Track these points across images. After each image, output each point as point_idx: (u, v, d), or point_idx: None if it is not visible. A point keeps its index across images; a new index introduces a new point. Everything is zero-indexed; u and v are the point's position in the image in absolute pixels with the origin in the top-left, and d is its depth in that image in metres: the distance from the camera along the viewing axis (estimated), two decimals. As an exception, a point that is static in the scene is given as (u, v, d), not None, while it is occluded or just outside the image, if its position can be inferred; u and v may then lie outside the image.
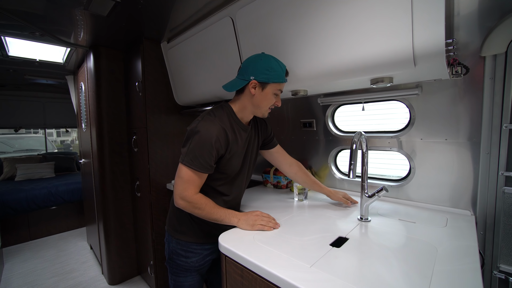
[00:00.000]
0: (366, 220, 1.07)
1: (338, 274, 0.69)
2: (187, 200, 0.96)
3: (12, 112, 4.07)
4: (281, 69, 0.98)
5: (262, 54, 1.02)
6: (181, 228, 1.11)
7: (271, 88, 0.98)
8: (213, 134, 0.93)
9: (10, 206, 2.98)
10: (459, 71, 0.93)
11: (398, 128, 1.33)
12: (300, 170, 1.30)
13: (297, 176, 1.30)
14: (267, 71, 0.96)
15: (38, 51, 2.29)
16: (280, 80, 0.98)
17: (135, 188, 2.12)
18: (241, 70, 1.02)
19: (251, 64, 0.98)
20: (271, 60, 0.98)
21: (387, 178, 1.41)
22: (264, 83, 0.97)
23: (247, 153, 1.10)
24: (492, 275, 1.05)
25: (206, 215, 0.98)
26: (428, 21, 0.73)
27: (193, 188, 0.97)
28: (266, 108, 1.03)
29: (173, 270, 1.13)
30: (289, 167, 1.30)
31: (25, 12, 1.46)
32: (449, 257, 0.77)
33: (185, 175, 0.95)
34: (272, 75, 0.96)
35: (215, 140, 0.93)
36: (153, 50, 1.87)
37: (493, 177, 1.03)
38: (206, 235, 1.10)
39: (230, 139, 0.99)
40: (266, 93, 0.99)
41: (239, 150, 1.04)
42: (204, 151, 0.93)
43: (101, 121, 2.08)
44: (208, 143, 0.92)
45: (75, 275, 2.36)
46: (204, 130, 0.93)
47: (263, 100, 1.00)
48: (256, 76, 0.96)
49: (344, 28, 0.90)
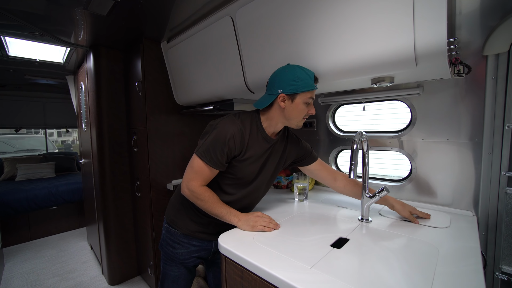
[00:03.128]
0: (367, 221, 1.06)
1: (338, 275, 0.69)
2: (192, 190, 0.97)
3: (12, 112, 4.07)
4: (308, 76, 0.94)
5: (288, 65, 0.99)
6: (173, 218, 1.13)
7: (301, 98, 0.95)
8: (229, 133, 0.93)
9: (10, 206, 2.98)
10: (461, 70, 0.92)
11: (399, 128, 1.33)
12: (348, 183, 1.19)
13: (346, 190, 1.19)
14: (294, 81, 0.93)
15: (38, 51, 2.28)
16: (309, 88, 0.94)
17: (135, 188, 2.11)
18: (268, 86, 1.00)
19: (277, 77, 0.97)
20: (297, 70, 0.95)
21: (388, 179, 1.40)
22: (293, 94, 0.94)
23: (266, 164, 1.07)
24: (494, 276, 1.04)
25: (207, 208, 0.98)
26: (430, 20, 0.73)
27: (200, 180, 0.98)
28: (299, 119, 0.99)
29: (162, 257, 1.17)
30: (334, 182, 1.21)
31: (25, 12, 1.46)
32: (451, 258, 0.76)
33: (195, 165, 0.97)
34: (300, 85, 0.93)
35: (229, 138, 0.93)
36: (153, 49, 1.87)
37: (495, 178, 1.03)
38: (195, 230, 1.10)
39: (247, 142, 0.98)
40: (297, 104, 0.95)
41: (256, 157, 1.02)
42: (217, 147, 0.93)
43: (101, 121, 2.08)
44: (222, 140, 0.93)
45: (75, 275, 2.36)
46: (222, 127, 0.94)
47: (294, 111, 0.97)
48: (283, 89, 0.94)
49: (345, 27, 0.90)
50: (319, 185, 1.67)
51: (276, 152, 1.09)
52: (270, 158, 1.07)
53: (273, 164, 1.10)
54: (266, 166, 1.07)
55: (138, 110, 1.96)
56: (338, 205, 1.30)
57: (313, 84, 0.96)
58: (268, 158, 1.07)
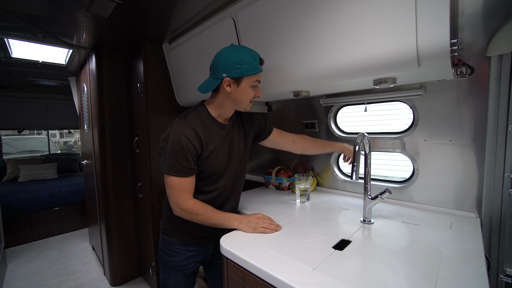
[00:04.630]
0: (369, 223, 1.06)
1: (341, 277, 0.68)
2: (183, 208, 0.96)
3: (15, 114, 4.10)
4: (253, 59, 0.92)
5: (231, 46, 0.96)
6: (166, 226, 1.12)
7: (247, 81, 0.93)
8: (182, 138, 0.91)
9: (13, 207, 2.99)
10: (463, 71, 0.92)
11: (401, 129, 1.32)
12: (305, 141, 1.29)
13: (304, 148, 1.29)
14: (239, 64, 0.90)
15: (41, 53, 2.30)
16: (254, 71, 0.92)
17: (137, 189, 2.12)
18: (212, 69, 0.97)
19: (221, 60, 0.93)
20: (241, 52, 0.92)
21: (390, 180, 1.40)
22: (238, 78, 0.92)
23: (231, 149, 1.06)
24: (498, 279, 1.03)
25: (205, 220, 0.97)
26: (432, 21, 0.72)
27: (185, 194, 0.96)
28: (246, 103, 0.98)
29: (161, 266, 1.17)
30: (293, 144, 1.28)
31: (28, 14, 1.47)
32: (454, 260, 0.75)
33: (171, 183, 0.95)
34: (245, 68, 0.90)
35: (184, 142, 0.91)
36: (154, 51, 1.87)
37: (499, 179, 1.02)
38: (189, 236, 1.09)
39: (203, 139, 0.96)
40: (243, 88, 0.94)
41: (218, 148, 1.01)
42: (178, 156, 0.92)
43: (103, 122, 2.09)
44: (179, 148, 0.91)
45: (77, 276, 2.36)
46: (173, 136, 0.92)
47: (241, 95, 0.95)
48: (228, 73, 0.91)
49: (347, 28, 0.89)
50: (321, 187, 1.67)
51: (236, 135, 1.09)
52: (233, 142, 1.07)
53: (239, 147, 1.09)
54: (233, 152, 1.06)
55: (140, 111, 1.96)
56: (340, 206, 1.30)
57: (258, 67, 0.94)
58: (231, 143, 1.06)
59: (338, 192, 1.56)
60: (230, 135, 1.06)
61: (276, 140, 1.25)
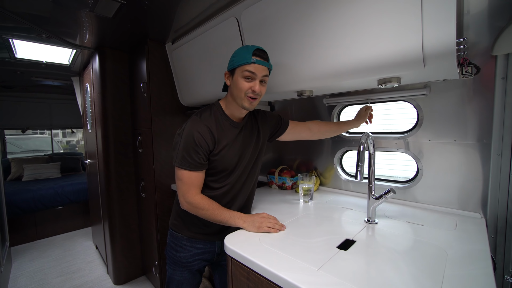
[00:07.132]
0: (373, 222, 1.05)
1: (346, 277, 0.68)
2: (190, 202, 0.98)
3: (19, 113, 4.13)
4: (245, 51, 0.94)
5: None
6: (175, 222, 1.14)
7: (238, 72, 0.96)
8: (195, 133, 0.95)
9: (18, 206, 3.02)
10: (469, 71, 0.91)
11: (406, 129, 1.31)
12: (320, 126, 1.31)
13: (321, 132, 1.31)
14: (233, 57, 0.97)
15: (45, 53, 2.31)
16: (242, 61, 0.93)
17: (140, 188, 2.13)
18: None
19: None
20: (242, 47, 0.99)
21: (394, 180, 1.39)
22: (232, 70, 0.98)
23: (243, 148, 1.07)
24: (504, 280, 1.03)
25: (210, 216, 0.99)
26: (438, 20, 0.72)
27: (194, 189, 0.99)
28: (242, 96, 0.96)
29: (167, 261, 1.18)
30: (310, 131, 1.29)
31: (32, 14, 1.48)
32: (460, 261, 0.75)
33: (181, 177, 0.98)
34: (236, 59, 0.95)
35: (197, 138, 0.95)
36: (157, 51, 1.88)
37: (505, 180, 1.01)
38: (197, 232, 1.10)
39: (216, 136, 0.99)
40: (236, 80, 0.97)
41: (229, 145, 1.03)
42: (190, 150, 0.95)
43: (106, 122, 2.10)
44: (192, 143, 0.95)
45: (81, 275, 2.38)
46: (187, 132, 0.96)
47: (235, 88, 0.97)
48: (227, 68, 1.00)
49: (352, 27, 0.89)
50: (324, 186, 1.67)
51: (249, 134, 1.10)
52: (245, 141, 1.08)
53: (251, 145, 1.10)
54: (244, 150, 1.08)
55: (143, 111, 1.97)
56: (343, 206, 1.30)
57: (249, 58, 0.93)
58: (244, 141, 1.07)
59: (341, 192, 1.56)
60: (243, 134, 1.08)
61: (292, 131, 1.26)
